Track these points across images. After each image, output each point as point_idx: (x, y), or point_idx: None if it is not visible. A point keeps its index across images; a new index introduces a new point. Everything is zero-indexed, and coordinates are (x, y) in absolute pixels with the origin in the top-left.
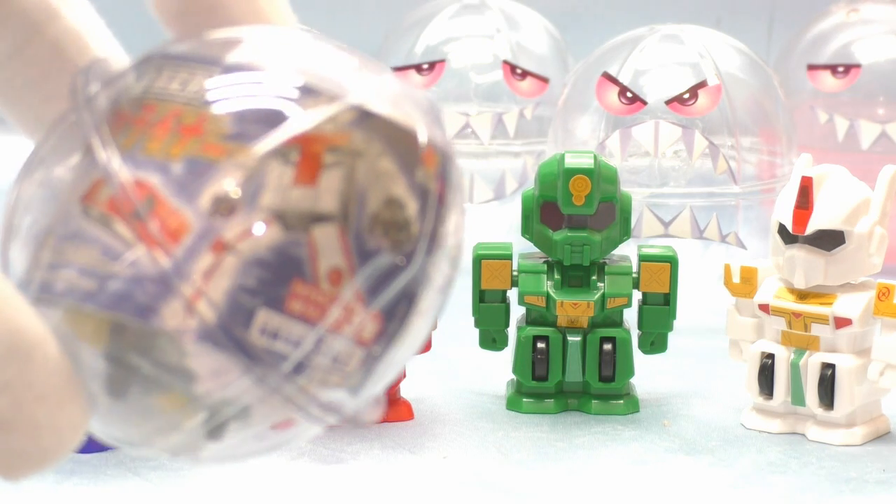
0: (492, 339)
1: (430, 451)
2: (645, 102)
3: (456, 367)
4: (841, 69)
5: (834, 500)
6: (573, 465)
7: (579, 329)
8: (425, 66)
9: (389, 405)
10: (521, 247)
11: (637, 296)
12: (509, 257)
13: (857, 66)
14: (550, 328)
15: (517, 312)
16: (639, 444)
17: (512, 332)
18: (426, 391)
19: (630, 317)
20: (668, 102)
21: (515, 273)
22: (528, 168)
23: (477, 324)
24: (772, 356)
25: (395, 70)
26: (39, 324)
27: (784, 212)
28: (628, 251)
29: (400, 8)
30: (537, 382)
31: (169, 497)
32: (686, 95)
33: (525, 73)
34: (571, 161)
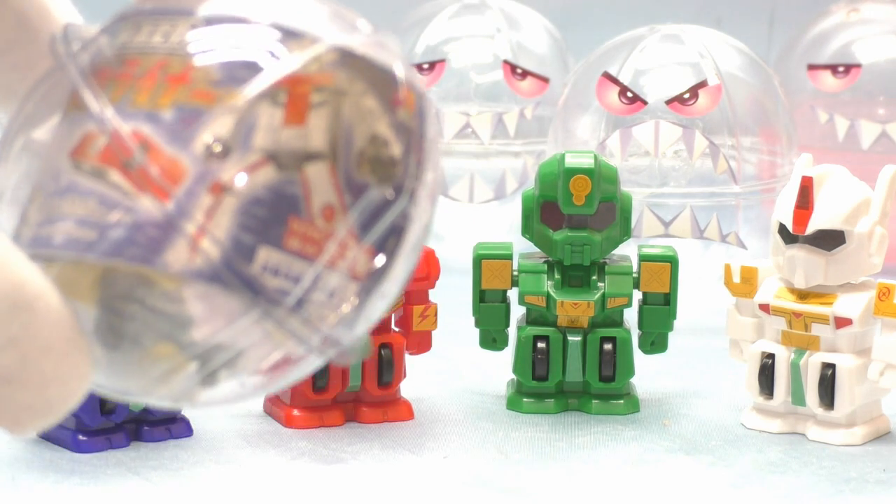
0: (492, 338)
1: (431, 450)
2: (645, 102)
3: (456, 367)
4: (841, 69)
5: (834, 500)
6: (573, 465)
7: (579, 329)
8: (425, 66)
9: (389, 405)
10: (522, 247)
11: (637, 296)
12: (510, 257)
13: (858, 65)
14: (551, 328)
15: (517, 312)
16: (639, 444)
17: (512, 331)
18: (426, 391)
19: (630, 317)
20: (669, 102)
21: (516, 273)
22: (529, 168)
23: (477, 324)
24: (772, 356)
25: None
26: (39, 276)
27: (784, 212)
28: (628, 251)
29: (400, 8)
30: (537, 382)
31: (169, 497)
32: (686, 95)
33: (525, 73)
34: (572, 161)
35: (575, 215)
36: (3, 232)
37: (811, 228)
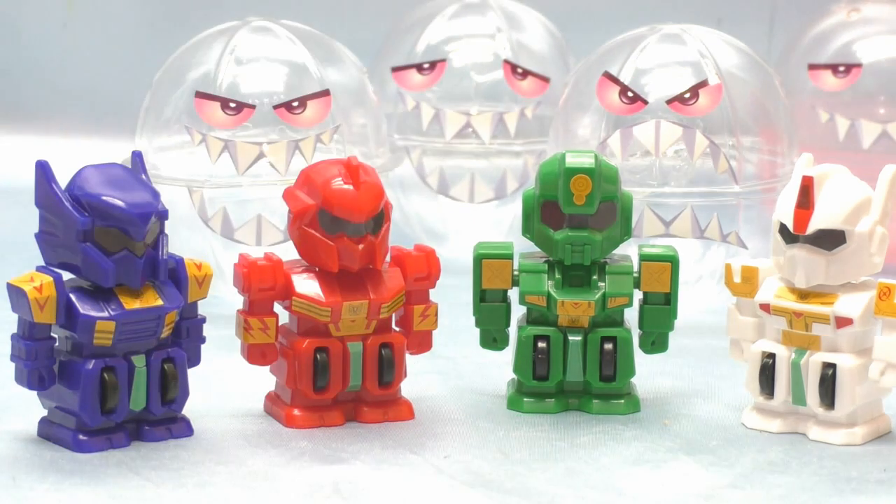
0: (492, 338)
1: (431, 450)
2: (646, 102)
3: (457, 367)
4: (842, 69)
5: (834, 500)
6: (574, 465)
7: (580, 329)
8: (426, 66)
9: (390, 405)
10: (522, 246)
11: (638, 295)
12: (510, 257)
13: (858, 65)
14: (551, 328)
15: (518, 312)
16: (639, 444)
17: (513, 331)
18: (427, 391)
19: (631, 316)
20: (669, 102)
21: (516, 272)
22: (529, 167)
23: (478, 323)
24: (772, 356)
25: (395, 70)
26: None
27: (785, 211)
28: (629, 251)
29: (400, 8)
30: (538, 382)
31: (169, 497)
32: (687, 95)
33: (526, 73)
34: (572, 160)
35: (575, 215)
36: None
37: (812, 228)
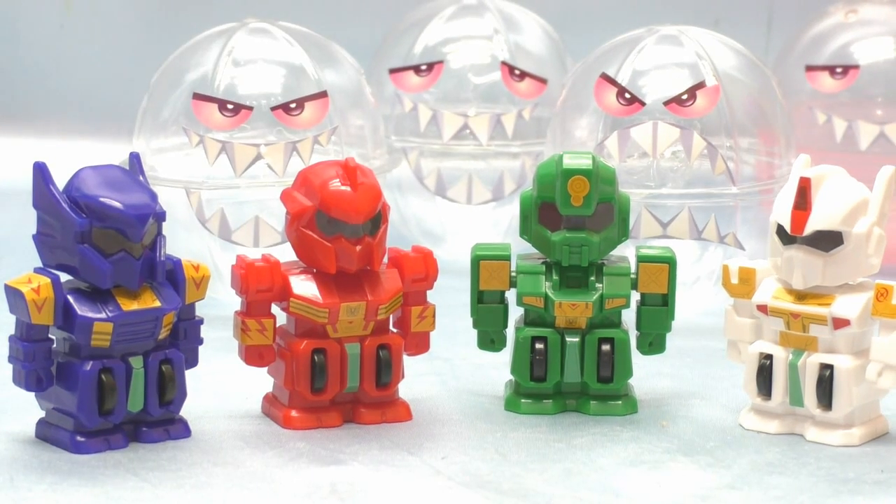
0: (490, 339)
1: (429, 451)
2: (643, 103)
3: (454, 368)
4: (839, 70)
5: (832, 501)
6: (571, 466)
7: (578, 330)
8: (423, 67)
9: (387, 406)
10: (520, 247)
11: (635, 296)
12: (507, 258)
13: (856, 66)
14: (549, 329)
15: (515, 313)
16: (637, 445)
17: (510, 332)
18: (424, 392)
19: (628, 317)
20: (667, 103)
21: (514, 274)
22: (527, 169)
23: (475, 324)
24: (770, 357)
25: (393, 71)
26: None
27: (782, 212)
28: (626, 252)
29: (399, 8)
30: (535, 383)
31: (166, 498)
32: (684, 96)
33: (523, 74)
34: (570, 162)
35: (573, 216)
36: None
37: (809, 229)
